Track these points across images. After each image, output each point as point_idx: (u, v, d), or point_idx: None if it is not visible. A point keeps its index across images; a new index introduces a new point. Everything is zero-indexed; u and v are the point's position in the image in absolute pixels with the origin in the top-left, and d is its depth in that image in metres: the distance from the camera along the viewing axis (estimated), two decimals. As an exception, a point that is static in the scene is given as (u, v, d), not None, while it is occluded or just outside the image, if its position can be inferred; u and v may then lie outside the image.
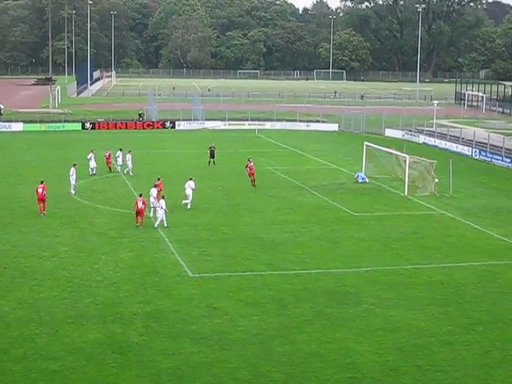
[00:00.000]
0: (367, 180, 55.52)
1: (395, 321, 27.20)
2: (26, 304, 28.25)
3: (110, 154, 58.38)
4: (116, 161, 58.25)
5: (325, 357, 23.95)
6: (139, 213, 40.22)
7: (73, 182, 49.02)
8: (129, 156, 57.12)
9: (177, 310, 27.92)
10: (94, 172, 56.60)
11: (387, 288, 30.96)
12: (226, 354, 23.98)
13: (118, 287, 30.40)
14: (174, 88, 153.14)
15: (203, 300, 29.00)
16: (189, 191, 45.33)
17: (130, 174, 56.52)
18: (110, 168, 57.92)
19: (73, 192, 48.92)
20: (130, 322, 26.61)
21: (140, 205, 40.04)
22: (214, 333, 25.67)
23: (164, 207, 40.18)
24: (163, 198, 41.19)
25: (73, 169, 49.18)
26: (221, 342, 24.86)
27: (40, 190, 43.09)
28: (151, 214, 42.05)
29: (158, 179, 46.29)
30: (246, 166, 52.24)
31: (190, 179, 45.92)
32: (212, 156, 62.47)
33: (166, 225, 40.23)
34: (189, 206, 45.23)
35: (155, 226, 40.15)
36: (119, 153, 58.16)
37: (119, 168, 58.01)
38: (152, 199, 42.03)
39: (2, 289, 30.05)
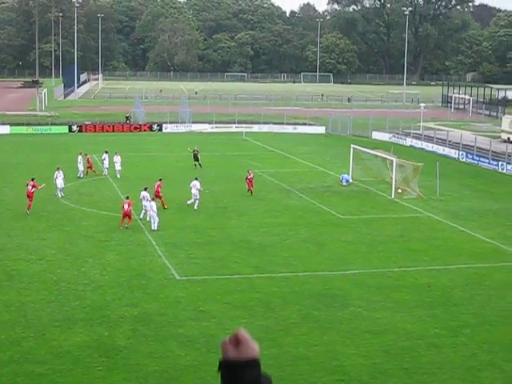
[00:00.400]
0: (351, 180, 55.62)
1: (382, 323, 27.25)
2: (13, 307, 28.15)
3: (88, 159, 57.54)
4: (102, 163, 58.07)
5: (312, 360, 23.97)
6: (125, 215, 40.16)
7: (59, 185, 48.72)
8: (116, 158, 56.88)
9: (164, 313, 27.88)
10: (81, 175, 56.38)
11: (374, 291, 31.00)
12: (214, 357, 23.89)
13: (105, 290, 30.33)
14: (161, 91, 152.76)
15: (190, 303, 28.97)
16: (194, 191, 45.44)
17: (117, 175, 56.32)
18: (91, 172, 57.18)
19: (59, 195, 48.72)
20: (117, 325, 26.55)
21: (126, 207, 40.00)
22: (201, 336, 25.65)
23: (155, 209, 40.20)
24: (153, 200, 41.39)
25: (56, 172, 49.00)
26: (208, 345, 24.83)
27: (29, 187, 43.33)
28: (141, 216, 42.05)
29: (160, 180, 46.31)
30: (246, 178, 51.18)
31: (196, 179, 46.07)
32: (196, 159, 62.36)
33: (152, 228, 40.18)
34: (195, 207, 45.38)
35: (156, 229, 40.10)
36: (105, 155, 57.88)
37: (106, 171, 57.80)
38: (145, 202, 41.86)
39: (-12, 292, 29.97)
